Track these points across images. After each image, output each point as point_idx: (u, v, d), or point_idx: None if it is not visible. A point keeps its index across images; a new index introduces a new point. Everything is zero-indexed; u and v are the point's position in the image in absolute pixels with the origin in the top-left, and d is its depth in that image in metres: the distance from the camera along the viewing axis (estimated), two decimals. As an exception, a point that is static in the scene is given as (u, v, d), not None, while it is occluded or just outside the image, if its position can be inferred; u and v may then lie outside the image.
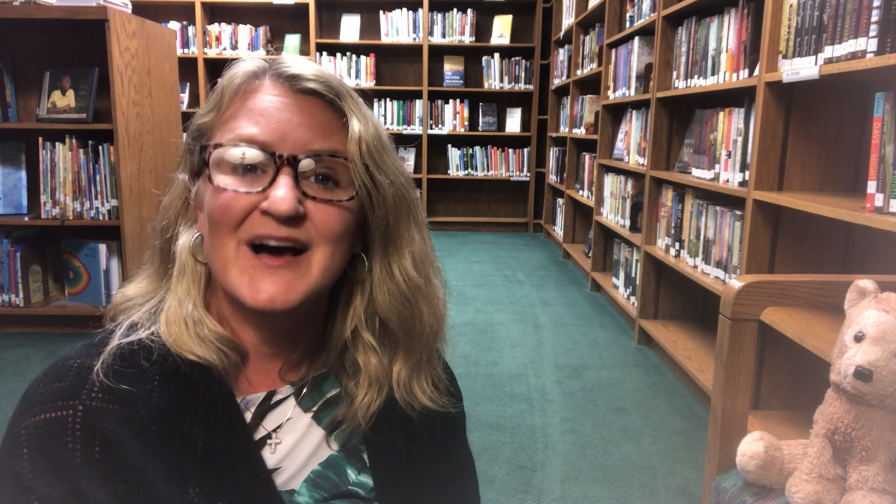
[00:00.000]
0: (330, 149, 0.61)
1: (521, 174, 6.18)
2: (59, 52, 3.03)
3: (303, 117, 0.60)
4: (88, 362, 0.60)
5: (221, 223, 0.60)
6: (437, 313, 0.69)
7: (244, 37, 5.88)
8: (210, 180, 0.60)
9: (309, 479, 0.66)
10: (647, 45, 3.31)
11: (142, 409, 0.58)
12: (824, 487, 1.01)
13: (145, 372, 0.60)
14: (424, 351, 0.70)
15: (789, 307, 1.33)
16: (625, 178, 3.62)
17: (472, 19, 5.94)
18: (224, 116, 0.62)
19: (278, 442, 0.65)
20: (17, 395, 2.21)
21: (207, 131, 0.63)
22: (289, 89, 0.61)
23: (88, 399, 0.57)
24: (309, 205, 0.60)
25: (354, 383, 0.68)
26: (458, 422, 0.78)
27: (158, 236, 0.68)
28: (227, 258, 0.60)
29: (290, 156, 0.59)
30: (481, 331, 3.24)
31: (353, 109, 0.62)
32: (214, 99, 0.63)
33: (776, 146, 1.94)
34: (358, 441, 0.69)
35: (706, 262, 2.48)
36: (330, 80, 0.62)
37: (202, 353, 0.62)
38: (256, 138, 0.59)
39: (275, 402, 0.66)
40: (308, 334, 0.69)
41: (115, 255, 2.98)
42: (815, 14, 1.72)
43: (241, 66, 0.64)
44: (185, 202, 0.67)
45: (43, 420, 0.56)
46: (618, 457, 2.04)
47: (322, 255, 0.61)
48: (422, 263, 0.67)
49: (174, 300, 0.64)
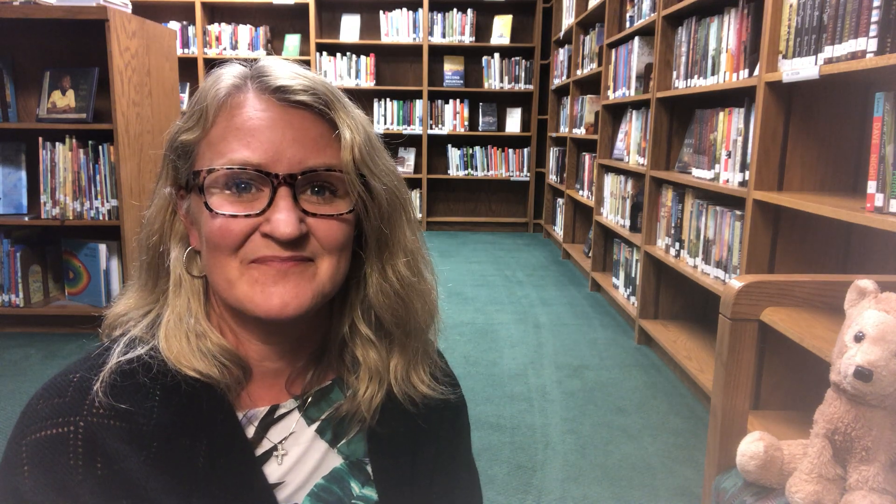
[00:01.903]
0: (325, 164, 0.59)
1: (521, 174, 6.18)
2: (59, 52, 3.03)
3: (294, 132, 0.59)
4: (88, 377, 0.59)
5: (221, 246, 0.59)
6: (429, 307, 0.69)
7: (244, 37, 5.88)
8: (206, 207, 0.59)
9: (313, 493, 0.66)
10: (647, 45, 3.31)
11: (143, 424, 0.58)
12: (824, 487, 1.01)
13: (146, 388, 0.60)
14: (420, 344, 0.70)
15: (789, 307, 1.32)
16: (625, 178, 3.62)
17: (472, 19, 5.94)
18: (211, 136, 0.60)
19: (284, 453, 0.65)
20: (17, 394, 2.22)
21: (193, 149, 0.61)
22: (275, 103, 0.59)
23: (89, 415, 0.57)
24: (310, 221, 0.59)
25: (355, 377, 0.68)
26: (461, 417, 0.78)
27: (146, 252, 0.66)
28: (230, 278, 0.59)
29: (286, 175, 0.58)
30: (481, 331, 3.24)
31: (343, 117, 0.60)
32: (197, 114, 0.61)
33: (776, 146, 1.94)
34: (362, 453, 0.69)
35: (706, 262, 2.48)
36: (317, 89, 0.60)
37: (203, 368, 0.61)
38: (250, 161, 0.57)
39: (278, 415, 0.66)
40: (312, 342, 0.68)
41: (115, 255, 2.98)
42: (815, 14, 1.72)
43: (222, 78, 0.61)
44: (171, 214, 0.65)
45: (43, 437, 0.56)
46: (618, 457, 2.04)
47: (328, 265, 0.61)
48: (414, 261, 0.67)
49: (173, 315, 0.63)
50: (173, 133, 0.63)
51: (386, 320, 0.67)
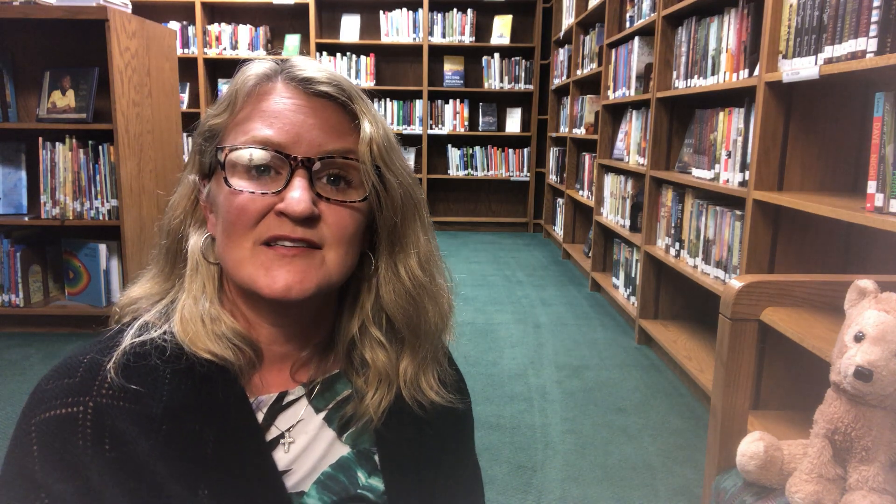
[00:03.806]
0: (343, 149, 0.62)
1: (521, 174, 6.18)
2: (59, 52, 3.03)
3: (316, 119, 0.61)
4: (99, 359, 0.59)
5: (237, 224, 0.60)
6: (442, 311, 0.70)
7: (244, 37, 5.88)
8: (226, 182, 0.61)
9: (319, 480, 0.66)
10: (647, 45, 3.31)
11: (153, 407, 0.58)
12: (824, 487, 1.01)
13: (157, 370, 0.60)
14: (430, 348, 0.71)
15: (789, 307, 1.32)
16: (625, 178, 3.62)
17: (472, 19, 5.94)
18: (237, 118, 0.63)
19: (291, 441, 0.66)
20: (17, 395, 2.22)
21: (220, 132, 0.64)
22: (302, 92, 0.62)
23: (99, 395, 0.57)
24: (322, 206, 0.61)
25: (364, 380, 0.69)
26: (467, 424, 0.79)
27: (166, 236, 0.68)
28: (242, 257, 0.61)
29: (304, 157, 0.60)
30: (481, 331, 3.24)
31: (365, 111, 0.63)
32: (227, 100, 0.64)
33: (776, 146, 1.94)
34: (369, 443, 0.70)
35: (706, 262, 2.48)
36: (341, 83, 0.63)
37: (218, 350, 0.62)
38: (271, 140, 0.60)
39: (287, 402, 0.67)
40: (318, 332, 0.69)
41: (115, 255, 2.98)
42: (815, 14, 1.72)
43: (253, 68, 0.64)
44: (193, 202, 0.68)
45: (53, 416, 0.56)
46: (618, 457, 2.04)
47: (335, 254, 0.62)
48: (427, 263, 0.68)
49: (189, 298, 0.65)
50: (203, 120, 0.66)
51: (397, 321, 0.68)
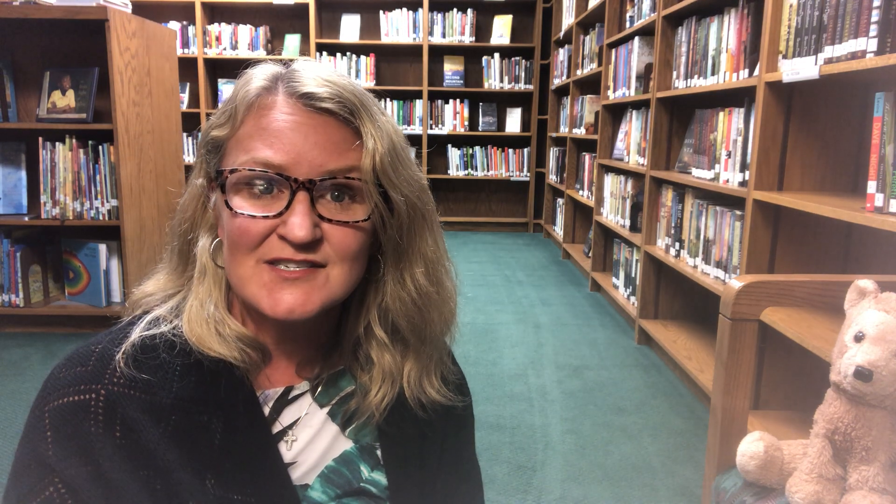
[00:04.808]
0: (345, 167, 0.61)
1: (521, 174, 6.18)
2: (59, 52, 3.03)
3: (317, 137, 0.60)
4: (111, 348, 0.61)
5: (239, 245, 0.61)
6: (446, 317, 0.71)
7: (244, 37, 5.88)
8: (227, 205, 0.61)
9: (323, 474, 0.67)
10: (647, 45, 3.31)
11: (163, 397, 0.60)
12: (824, 487, 1.01)
13: (167, 363, 0.62)
14: (434, 351, 0.72)
15: (789, 307, 1.32)
16: (625, 178, 3.62)
17: (472, 19, 5.93)
18: (239, 134, 0.62)
19: (294, 439, 0.67)
20: (17, 394, 2.22)
21: (222, 146, 0.63)
22: (302, 108, 0.60)
23: (110, 384, 0.59)
24: (325, 227, 0.61)
25: (368, 377, 0.69)
26: (467, 423, 0.79)
27: (177, 238, 0.68)
28: (245, 275, 0.61)
29: (305, 179, 0.59)
30: (481, 331, 3.24)
31: (369, 127, 0.61)
32: (228, 112, 0.63)
33: (776, 146, 1.94)
34: (372, 438, 0.71)
35: (706, 262, 2.48)
36: (343, 97, 0.61)
37: (224, 351, 0.63)
38: (271, 162, 0.59)
39: (292, 397, 0.68)
40: (324, 331, 0.70)
41: (115, 255, 2.98)
42: (815, 14, 1.72)
43: (254, 78, 0.63)
44: (202, 204, 0.68)
45: (65, 403, 0.57)
46: (618, 457, 2.04)
47: (340, 271, 0.62)
48: (434, 270, 0.68)
49: (196, 301, 0.65)
50: (206, 128, 0.65)
51: (402, 327, 0.68)
